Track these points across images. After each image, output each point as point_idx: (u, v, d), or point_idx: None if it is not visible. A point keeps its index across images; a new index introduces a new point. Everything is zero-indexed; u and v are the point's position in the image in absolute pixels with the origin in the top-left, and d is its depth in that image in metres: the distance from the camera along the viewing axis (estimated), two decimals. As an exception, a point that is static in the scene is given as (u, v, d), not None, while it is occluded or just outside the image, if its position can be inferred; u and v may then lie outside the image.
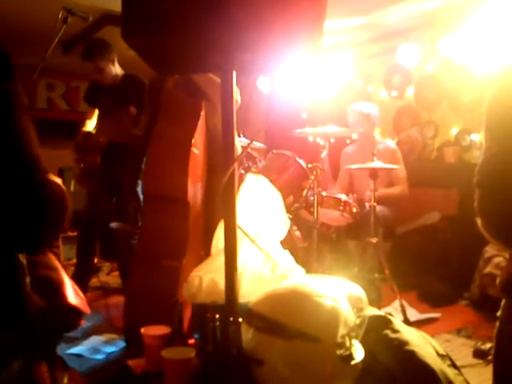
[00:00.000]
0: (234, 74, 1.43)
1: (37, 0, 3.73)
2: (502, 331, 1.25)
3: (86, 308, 1.31)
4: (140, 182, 3.12)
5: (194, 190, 2.51)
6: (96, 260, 4.21)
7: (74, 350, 2.44)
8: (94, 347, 2.48)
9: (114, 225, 3.16)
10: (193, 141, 2.47)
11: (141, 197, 3.24)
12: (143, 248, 2.52)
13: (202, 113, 2.58)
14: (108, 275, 4.19)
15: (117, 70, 3.34)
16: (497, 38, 3.51)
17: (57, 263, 1.32)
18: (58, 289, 1.24)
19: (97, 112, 3.51)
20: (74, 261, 3.76)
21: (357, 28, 4.49)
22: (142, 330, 1.71)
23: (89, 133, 3.47)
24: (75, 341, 2.56)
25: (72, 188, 3.62)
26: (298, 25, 1.27)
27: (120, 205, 3.34)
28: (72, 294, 1.27)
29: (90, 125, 3.52)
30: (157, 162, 2.52)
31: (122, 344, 2.50)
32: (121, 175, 3.26)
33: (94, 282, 3.66)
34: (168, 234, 2.41)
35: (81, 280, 3.28)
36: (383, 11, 4.11)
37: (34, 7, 3.88)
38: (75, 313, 1.26)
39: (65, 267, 4.15)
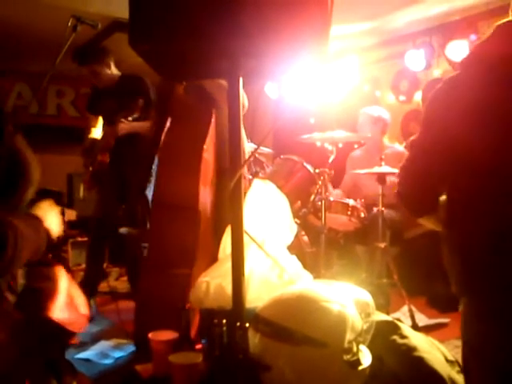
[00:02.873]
0: (241, 80, 1.44)
1: (47, 8, 3.78)
2: None
3: (75, 326, 1.25)
4: (149, 186, 3.13)
5: (205, 197, 2.50)
6: (105, 265, 4.23)
7: (83, 354, 2.45)
8: (103, 352, 2.48)
9: (123, 230, 3.17)
10: (204, 147, 2.47)
11: (149, 199, 3.26)
12: (153, 255, 2.52)
13: (213, 119, 2.58)
14: (117, 280, 4.21)
15: (113, 72, 3.37)
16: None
17: (59, 275, 1.29)
18: (45, 302, 1.20)
19: (101, 119, 3.54)
20: (83, 266, 3.77)
21: (364, 33, 4.50)
22: (150, 336, 1.72)
23: (95, 139, 3.50)
24: (84, 345, 2.57)
25: (81, 194, 3.63)
26: (304, 31, 1.28)
27: (129, 209, 3.36)
28: (60, 309, 1.21)
29: (96, 132, 3.55)
30: (168, 168, 2.51)
31: (130, 349, 2.51)
32: (130, 179, 3.28)
33: (102, 286, 3.67)
34: (178, 241, 2.40)
35: (90, 285, 3.29)
36: (391, 16, 4.11)
37: (44, 16, 3.93)
38: (59, 330, 1.21)
39: (73, 273, 4.17)
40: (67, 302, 1.26)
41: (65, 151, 4.88)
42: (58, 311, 1.20)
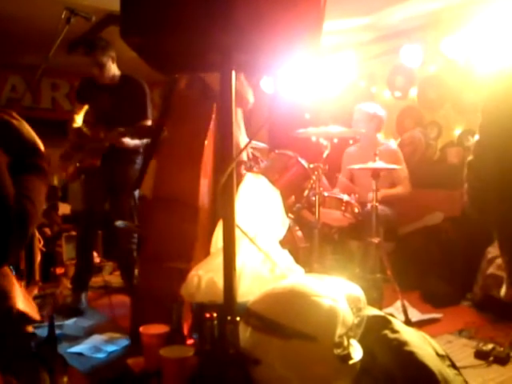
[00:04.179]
0: (234, 73, 1.44)
1: (40, 1, 3.75)
2: None
3: (35, 315, 1.32)
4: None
5: (204, 192, 2.48)
6: (99, 260, 4.23)
7: (75, 348, 2.45)
8: (96, 346, 2.48)
9: (119, 223, 3.16)
10: (205, 142, 2.44)
11: (136, 195, 3.26)
12: (151, 249, 2.50)
13: (214, 114, 2.55)
14: (110, 275, 4.21)
15: (115, 69, 3.35)
16: (500, 39, 3.49)
17: (8, 271, 1.33)
18: (6, 294, 1.25)
19: (85, 108, 3.50)
20: (77, 260, 3.77)
21: (360, 28, 4.49)
22: (141, 329, 1.71)
23: (80, 129, 3.47)
24: (77, 339, 2.57)
25: (55, 182, 3.57)
26: (297, 25, 1.27)
27: (116, 204, 3.34)
28: (21, 301, 1.28)
29: (78, 120, 3.52)
30: (167, 163, 2.48)
31: (123, 343, 2.51)
32: (119, 174, 3.27)
33: (96, 281, 3.66)
34: (176, 236, 2.37)
35: (81, 279, 3.27)
36: (386, 11, 4.10)
37: (38, 8, 3.91)
38: (23, 319, 1.28)
39: (67, 267, 4.16)
40: (23, 295, 1.34)
41: (59, 145, 4.84)
42: (21, 302, 1.27)
